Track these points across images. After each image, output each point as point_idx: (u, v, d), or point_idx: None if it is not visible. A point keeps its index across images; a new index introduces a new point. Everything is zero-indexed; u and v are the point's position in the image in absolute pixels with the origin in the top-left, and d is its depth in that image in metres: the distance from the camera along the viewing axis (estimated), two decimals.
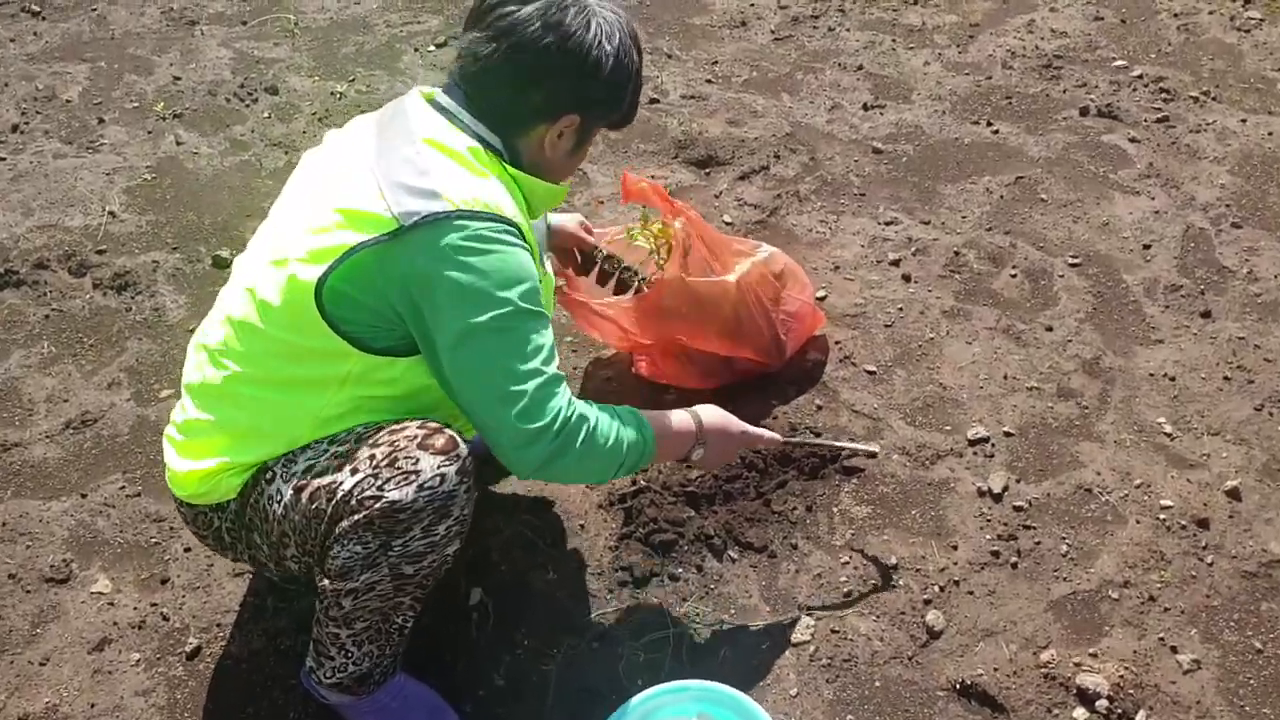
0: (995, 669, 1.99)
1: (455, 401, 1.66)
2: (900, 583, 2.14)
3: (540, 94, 1.71)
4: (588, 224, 2.45)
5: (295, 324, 1.64)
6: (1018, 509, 2.28)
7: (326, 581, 1.66)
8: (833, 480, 2.33)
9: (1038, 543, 2.21)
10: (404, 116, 1.72)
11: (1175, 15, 3.94)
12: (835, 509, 2.27)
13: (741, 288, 2.44)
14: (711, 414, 1.94)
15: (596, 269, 2.44)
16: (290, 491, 1.66)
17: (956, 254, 2.96)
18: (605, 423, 1.71)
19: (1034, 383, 2.58)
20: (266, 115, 3.62)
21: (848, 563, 2.18)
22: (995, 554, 2.19)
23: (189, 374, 1.80)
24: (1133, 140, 3.34)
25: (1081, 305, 2.80)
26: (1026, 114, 3.50)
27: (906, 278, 2.88)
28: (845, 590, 2.13)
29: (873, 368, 2.62)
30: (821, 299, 2.77)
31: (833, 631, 2.05)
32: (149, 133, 3.54)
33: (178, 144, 3.48)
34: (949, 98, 3.59)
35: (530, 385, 1.59)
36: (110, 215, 3.19)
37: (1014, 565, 2.17)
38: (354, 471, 1.60)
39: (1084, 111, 3.48)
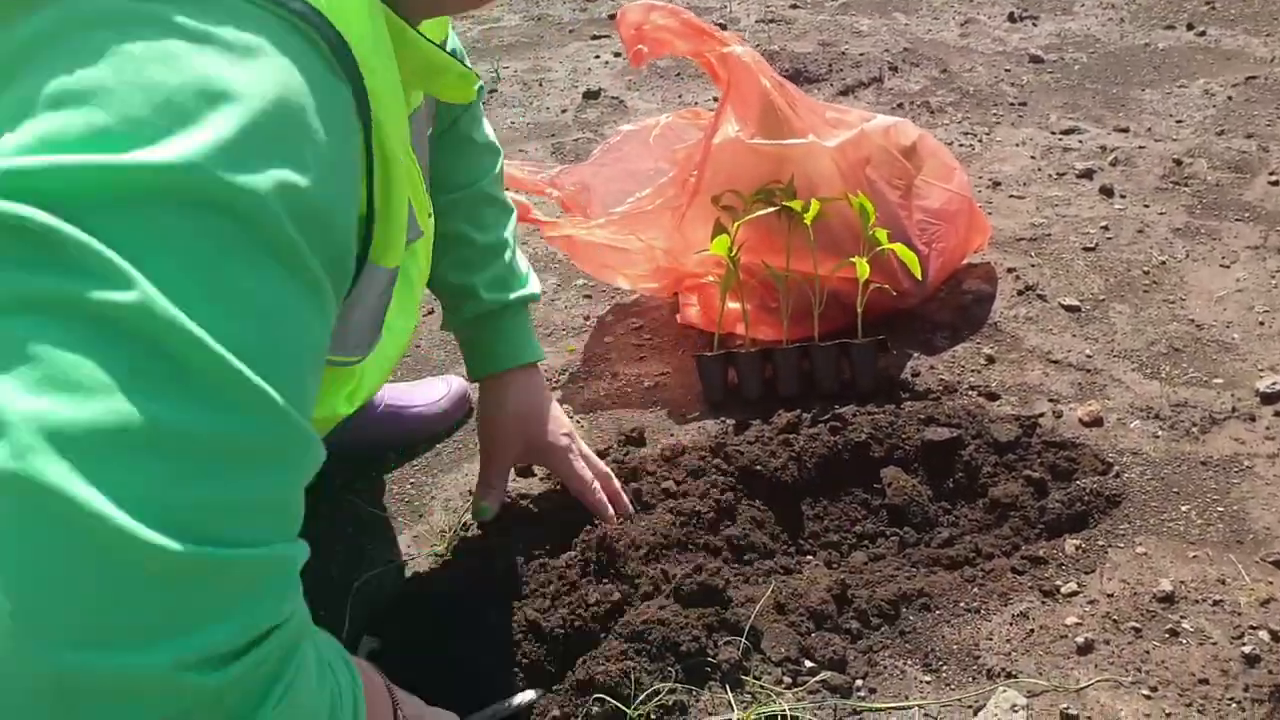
0: None
1: None
2: (1185, 625, 1.10)
3: None
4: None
5: None
6: None
7: None
8: (1026, 462, 1.31)
9: None
10: None
11: None
12: (1037, 506, 1.25)
13: (843, 160, 1.48)
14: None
15: None
16: None
17: (1178, 162, 1.96)
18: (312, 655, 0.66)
19: None
20: None
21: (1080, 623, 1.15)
22: None
23: None
24: None
25: None
26: (1241, 17, 2.54)
27: (1107, 191, 1.89)
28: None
29: (1073, 301, 1.61)
30: None
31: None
32: None
33: None
34: (1125, 6, 2.64)
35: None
36: None
37: None
38: None
39: None
